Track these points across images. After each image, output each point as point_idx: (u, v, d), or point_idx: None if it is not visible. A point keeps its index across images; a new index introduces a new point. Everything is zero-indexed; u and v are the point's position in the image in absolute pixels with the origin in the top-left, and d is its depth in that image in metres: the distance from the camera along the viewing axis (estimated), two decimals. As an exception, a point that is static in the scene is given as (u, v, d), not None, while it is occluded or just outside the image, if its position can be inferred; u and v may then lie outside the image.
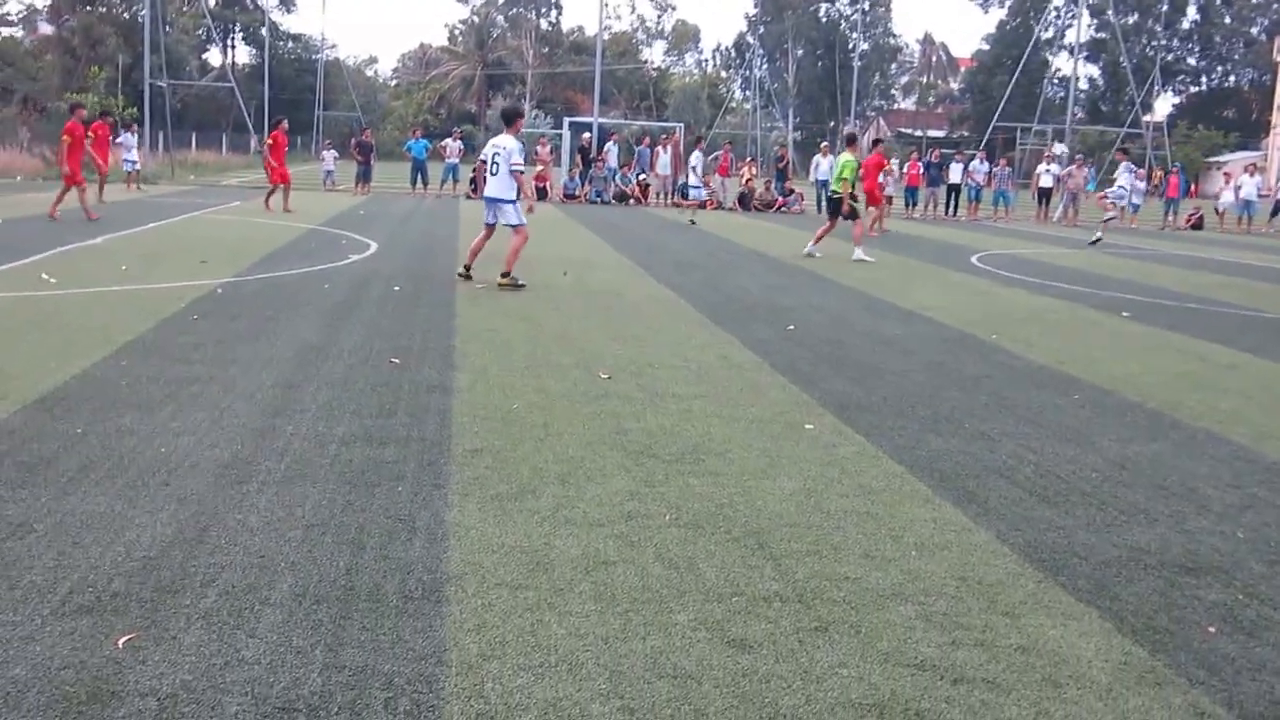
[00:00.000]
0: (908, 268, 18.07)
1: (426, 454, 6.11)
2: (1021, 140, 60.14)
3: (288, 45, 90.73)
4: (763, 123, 68.71)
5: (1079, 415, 7.82)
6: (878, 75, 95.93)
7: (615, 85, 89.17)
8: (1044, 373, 9.37)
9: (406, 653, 3.78)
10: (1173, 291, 16.55)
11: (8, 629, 3.81)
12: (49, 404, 6.77)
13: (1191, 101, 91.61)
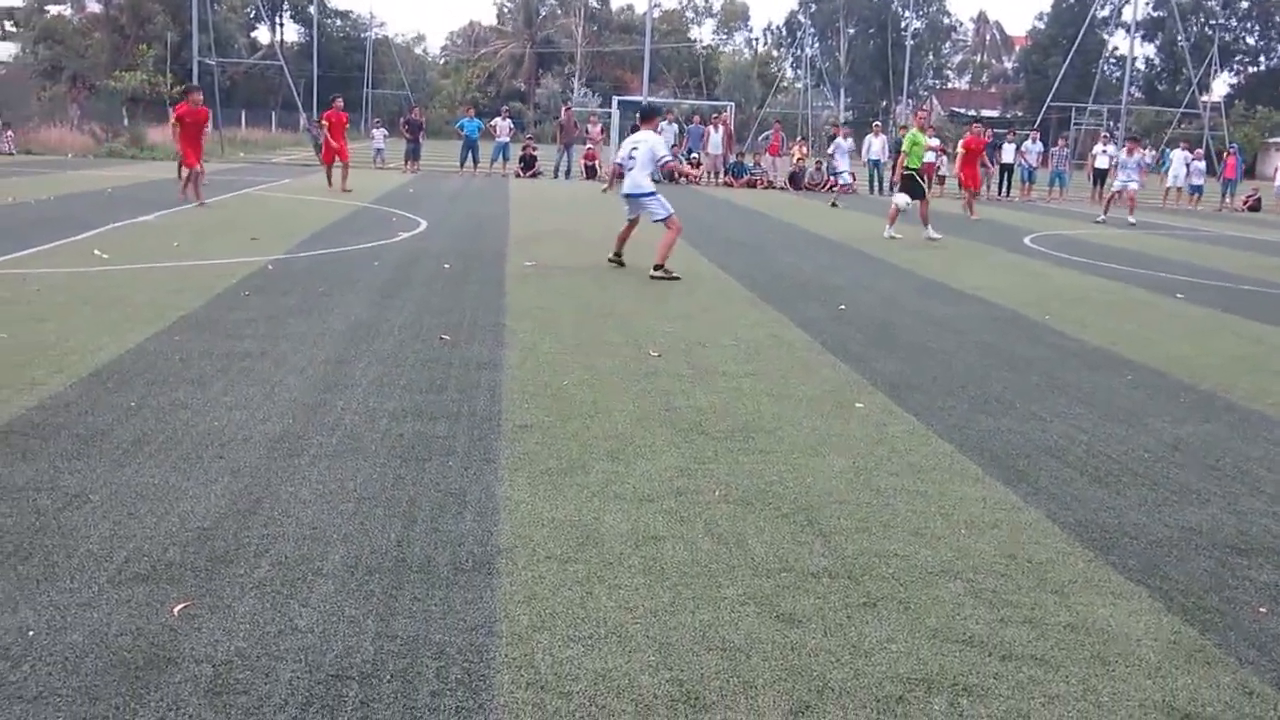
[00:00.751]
0: (960, 248, 17.91)
1: (477, 429, 6.15)
2: (1076, 120, 59.33)
3: (336, 23, 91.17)
4: (814, 102, 68.26)
5: (1131, 396, 7.73)
6: (931, 54, 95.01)
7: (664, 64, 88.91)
8: (1096, 354, 9.27)
9: (458, 623, 3.81)
10: (1228, 273, 16.30)
11: (66, 596, 3.88)
12: (104, 378, 6.87)
13: (1250, 81, 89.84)
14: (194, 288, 10.33)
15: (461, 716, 3.23)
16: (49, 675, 3.34)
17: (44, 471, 5.13)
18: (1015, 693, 3.54)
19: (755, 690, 3.47)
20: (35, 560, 4.16)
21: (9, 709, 3.15)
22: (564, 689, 3.41)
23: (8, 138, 36.06)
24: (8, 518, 4.55)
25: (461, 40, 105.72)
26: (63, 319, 8.62)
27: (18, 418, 5.92)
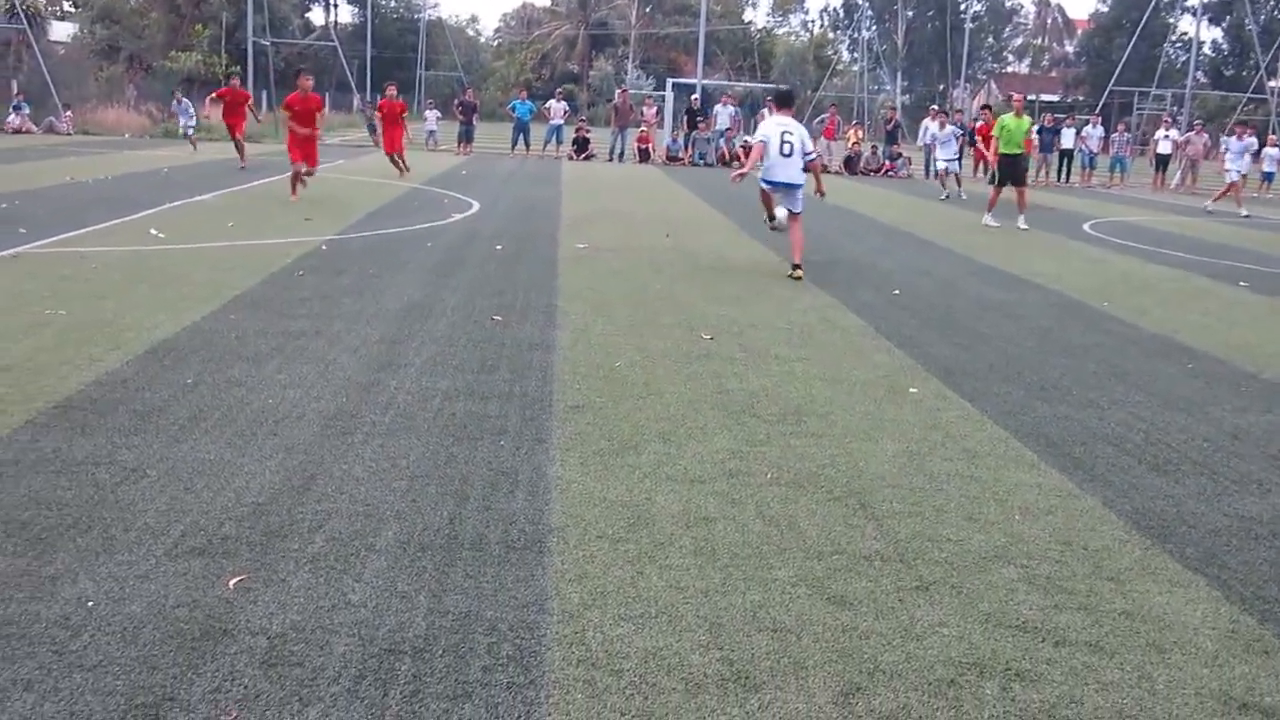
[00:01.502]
0: (1017, 234, 17.69)
1: (528, 409, 6.16)
2: (1139, 105, 58.34)
3: (390, 4, 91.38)
4: (870, 86, 67.68)
5: (1191, 384, 7.61)
6: (990, 37, 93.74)
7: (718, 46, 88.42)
8: (1156, 341, 9.13)
9: (509, 600, 3.83)
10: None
11: (124, 568, 3.94)
12: (160, 354, 6.96)
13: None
14: (249, 267, 10.44)
15: (513, 692, 3.25)
16: (108, 645, 3.40)
17: (102, 446, 5.20)
18: (1069, 679, 3.50)
19: (806, 671, 3.45)
20: (94, 533, 4.22)
21: (70, 677, 3.20)
22: (615, 666, 3.42)
23: (66, 118, 36.60)
24: (68, 491, 4.63)
25: (515, 22, 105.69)
26: (120, 297, 8.74)
27: (77, 393, 6.01)
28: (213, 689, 3.18)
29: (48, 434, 5.33)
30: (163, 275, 9.81)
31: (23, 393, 5.95)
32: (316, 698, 3.16)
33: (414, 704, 3.16)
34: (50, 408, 5.73)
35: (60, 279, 9.34)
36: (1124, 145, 36.42)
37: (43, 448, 5.14)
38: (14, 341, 7.07)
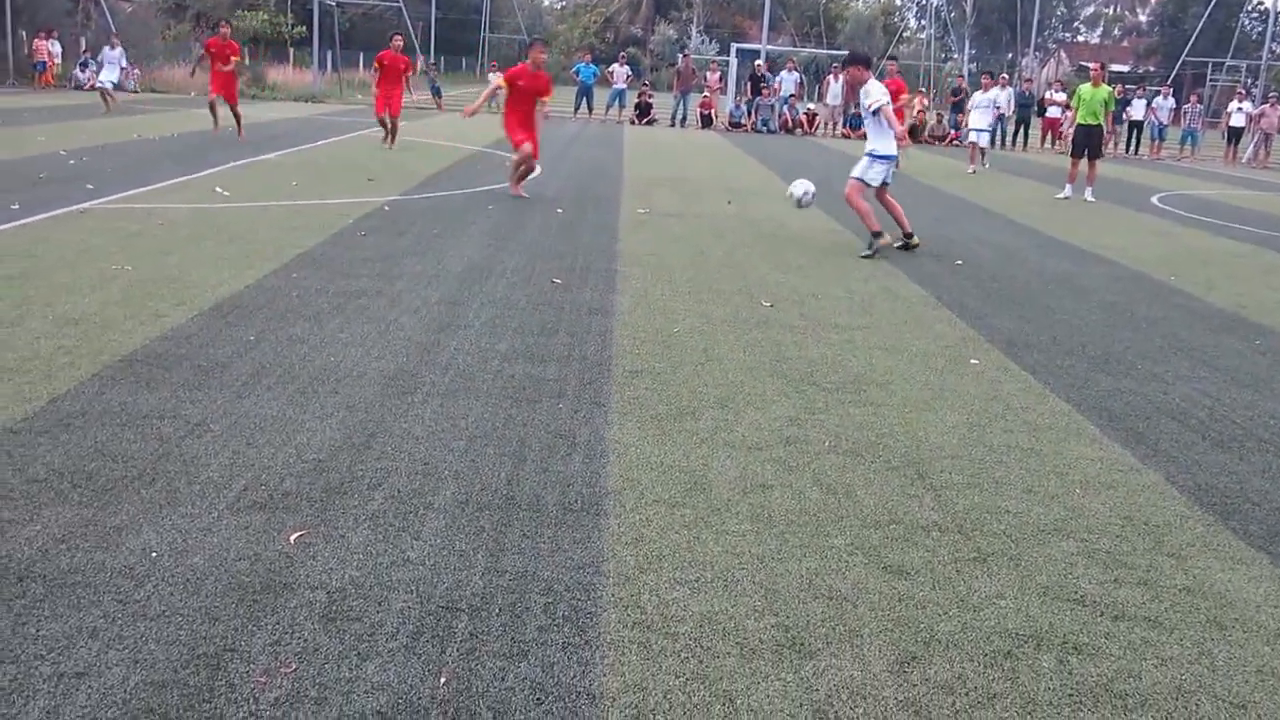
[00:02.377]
0: (1083, 206, 17.40)
1: (587, 373, 6.17)
2: (1212, 77, 57.02)
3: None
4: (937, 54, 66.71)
5: (1259, 361, 7.46)
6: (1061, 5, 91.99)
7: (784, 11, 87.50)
8: (1223, 316, 8.95)
9: (565, 561, 3.84)
10: (1371, 236, 15.57)
11: (187, 520, 4.00)
12: (224, 311, 7.05)
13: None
14: (311, 226, 10.52)
15: (568, 652, 3.26)
16: (171, 595, 3.46)
17: (167, 400, 5.28)
18: (1127, 653, 3.46)
19: (861, 639, 3.44)
20: (159, 485, 4.29)
21: (134, 626, 3.26)
22: (670, 630, 3.43)
23: (134, 75, 37.03)
24: (133, 444, 4.70)
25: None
26: (185, 253, 8.84)
27: (142, 348, 6.11)
28: (273, 641, 3.22)
29: (114, 387, 5.42)
30: (227, 233, 9.92)
31: (90, 346, 6.06)
32: (374, 652, 3.20)
33: (470, 661, 3.18)
34: (116, 361, 5.83)
35: (127, 235, 9.48)
36: (1195, 118, 35.64)
37: (109, 401, 5.22)
38: (82, 295, 7.19)
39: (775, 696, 3.11)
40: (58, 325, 6.45)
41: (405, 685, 3.04)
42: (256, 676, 3.04)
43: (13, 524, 3.87)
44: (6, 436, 4.69)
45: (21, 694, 2.89)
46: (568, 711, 2.97)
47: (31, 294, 7.15)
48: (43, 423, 4.88)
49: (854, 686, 3.18)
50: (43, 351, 5.92)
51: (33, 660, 3.05)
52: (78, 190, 12.00)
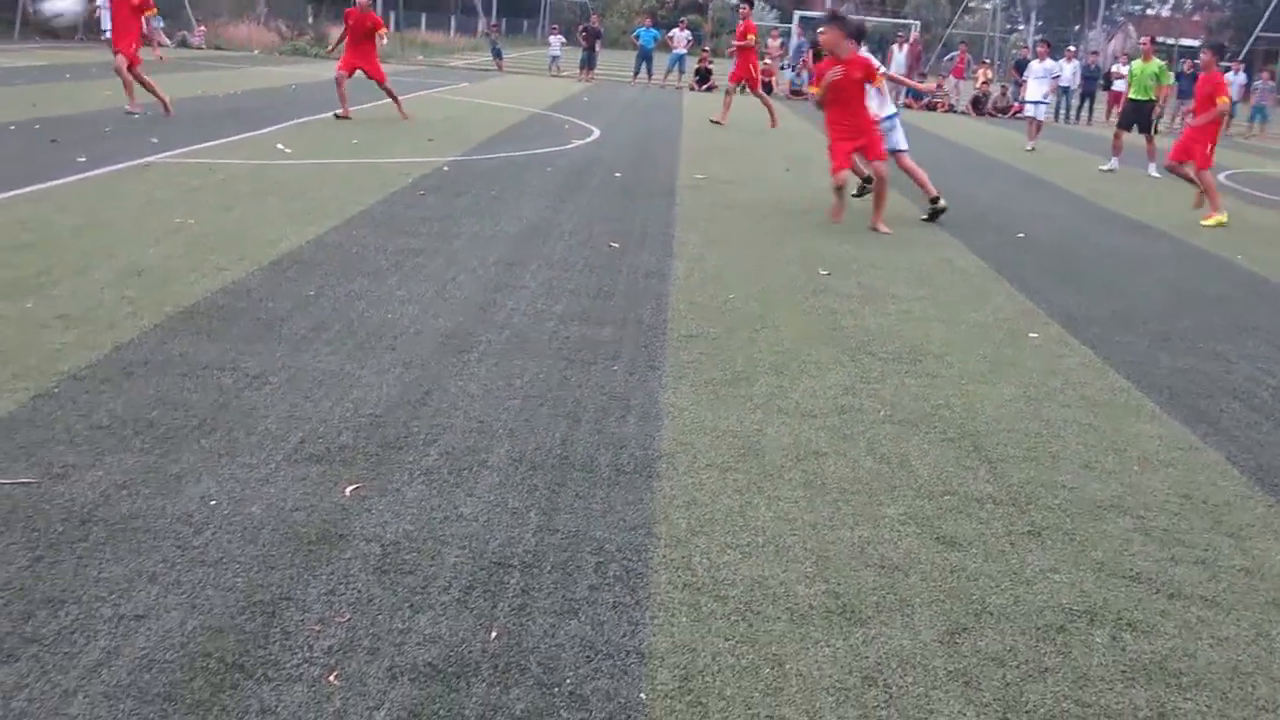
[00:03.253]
0: (1148, 181, 17.09)
1: (642, 336, 6.17)
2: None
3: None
4: (1003, 25, 65.61)
5: (1330, 342, 7.30)
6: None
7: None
8: (1293, 295, 8.77)
9: (618, 522, 3.86)
10: None
11: (245, 470, 4.05)
12: (284, 266, 7.11)
13: None
14: (371, 185, 10.58)
15: (619, 612, 3.28)
16: (229, 543, 3.51)
17: (227, 352, 5.35)
18: (1182, 632, 3.42)
19: (912, 609, 3.42)
20: (218, 435, 4.35)
21: (192, 571, 3.32)
22: (720, 593, 3.43)
23: (199, 32, 37.33)
24: (193, 394, 4.77)
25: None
26: (246, 208, 8.93)
27: (203, 300, 6.18)
28: (327, 591, 3.27)
29: (175, 338, 5.49)
30: (288, 189, 10.00)
31: (153, 297, 6.14)
32: (427, 605, 3.23)
33: (521, 617, 3.21)
34: (178, 313, 5.90)
35: (190, 189, 9.58)
36: (1266, 94, 34.80)
37: (170, 351, 5.30)
38: (146, 247, 7.28)
39: (824, 662, 3.10)
40: (122, 276, 6.54)
41: (456, 638, 3.07)
42: (311, 624, 3.08)
43: (76, 468, 3.95)
44: (71, 383, 4.77)
45: (83, 634, 2.95)
46: (617, 669, 2.99)
47: (97, 245, 7.26)
48: (106, 370, 4.96)
49: (904, 655, 3.17)
50: (107, 301, 6.01)
51: (94, 601, 3.11)
52: (142, 144, 12.14)
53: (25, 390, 4.64)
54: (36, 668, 2.79)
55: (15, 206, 8.31)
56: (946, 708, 2.94)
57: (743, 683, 2.97)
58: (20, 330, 5.41)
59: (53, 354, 5.11)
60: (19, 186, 9.10)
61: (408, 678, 2.87)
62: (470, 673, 2.92)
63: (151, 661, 2.85)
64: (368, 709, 2.73)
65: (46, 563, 3.30)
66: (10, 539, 3.42)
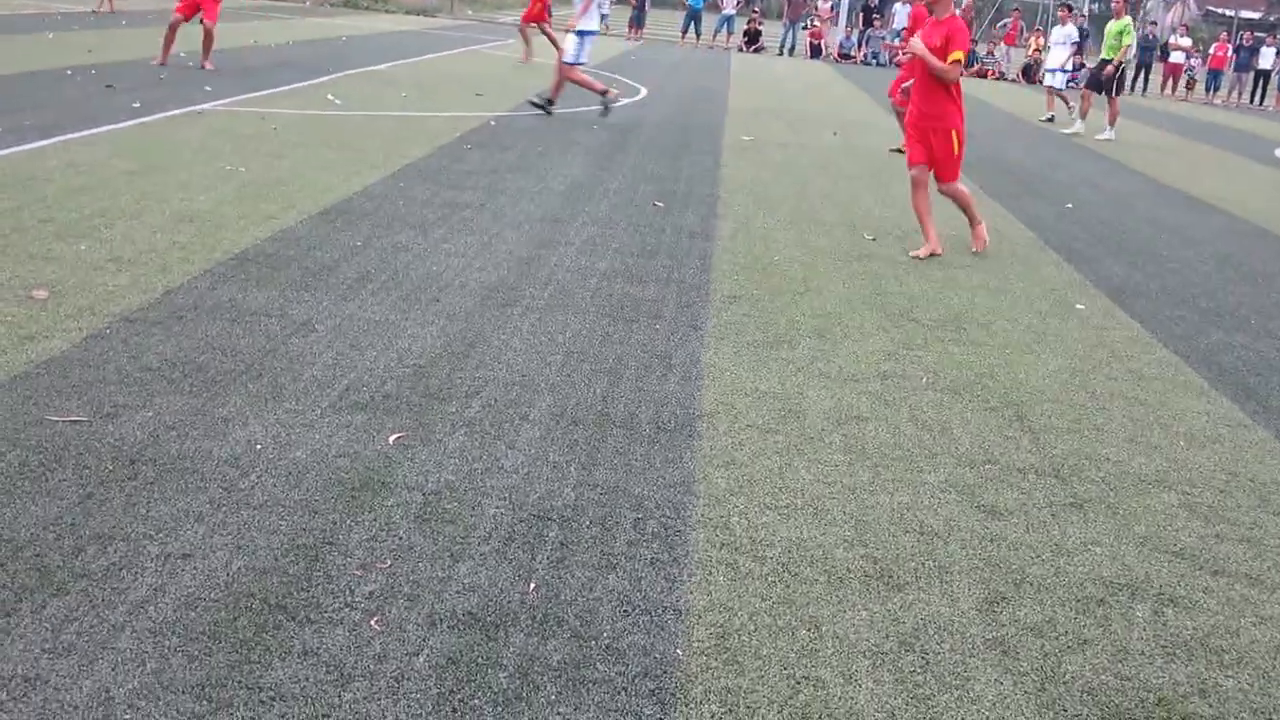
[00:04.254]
0: (1202, 155, 16.83)
1: (685, 296, 6.16)
2: (1349, 25, 54.26)
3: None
4: (1057, -10, 64.38)
5: (1385, 323, 7.18)
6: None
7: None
8: (1349, 275, 8.62)
9: (657, 479, 3.87)
10: None
11: (291, 416, 4.09)
12: (332, 216, 7.14)
13: None
14: (419, 138, 10.59)
15: (656, 568, 3.29)
16: (274, 486, 3.55)
17: (275, 299, 5.39)
18: (1225, 609, 3.39)
19: (950, 575, 3.42)
20: (265, 380, 4.39)
21: (238, 513, 3.36)
22: (758, 553, 3.43)
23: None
24: (241, 339, 4.81)
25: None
26: (296, 158, 8.96)
27: (253, 247, 6.22)
28: (369, 538, 3.30)
29: (225, 284, 5.54)
30: (337, 140, 10.03)
31: (203, 243, 6.19)
32: (467, 555, 3.26)
33: (559, 570, 3.23)
34: (228, 259, 5.95)
35: (241, 137, 9.63)
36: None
37: (220, 296, 5.34)
38: (198, 193, 7.34)
39: (861, 626, 3.11)
40: (174, 221, 6.59)
41: (495, 588, 3.10)
42: (353, 569, 3.11)
43: (127, 409, 4.00)
44: (123, 325, 4.83)
45: (131, 570, 3.00)
46: (653, 625, 3.00)
47: (150, 190, 7.32)
48: (157, 314, 5.02)
49: (941, 621, 3.17)
50: (159, 245, 6.07)
51: (141, 539, 3.16)
52: (196, 92, 12.19)
53: (79, 330, 4.71)
54: (85, 602, 2.84)
55: (71, 150, 8.39)
56: (983, 675, 2.94)
57: (779, 643, 2.98)
58: (74, 271, 5.48)
59: (106, 295, 5.17)
60: (75, 130, 9.18)
61: (447, 625, 2.90)
62: (509, 622, 2.94)
63: (197, 600, 2.90)
64: (407, 654, 2.77)
65: (96, 500, 3.35)
66: (62, 475, 3.48)
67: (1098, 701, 2.88)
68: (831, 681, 2.84)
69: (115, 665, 2.62)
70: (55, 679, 2.56)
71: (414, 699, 2.61)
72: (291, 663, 2.69)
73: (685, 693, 2.74)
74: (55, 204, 6.70)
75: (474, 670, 2.73)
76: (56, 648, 2.66)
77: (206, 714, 2.49)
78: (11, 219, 6.29)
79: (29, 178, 7.32)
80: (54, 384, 4.15)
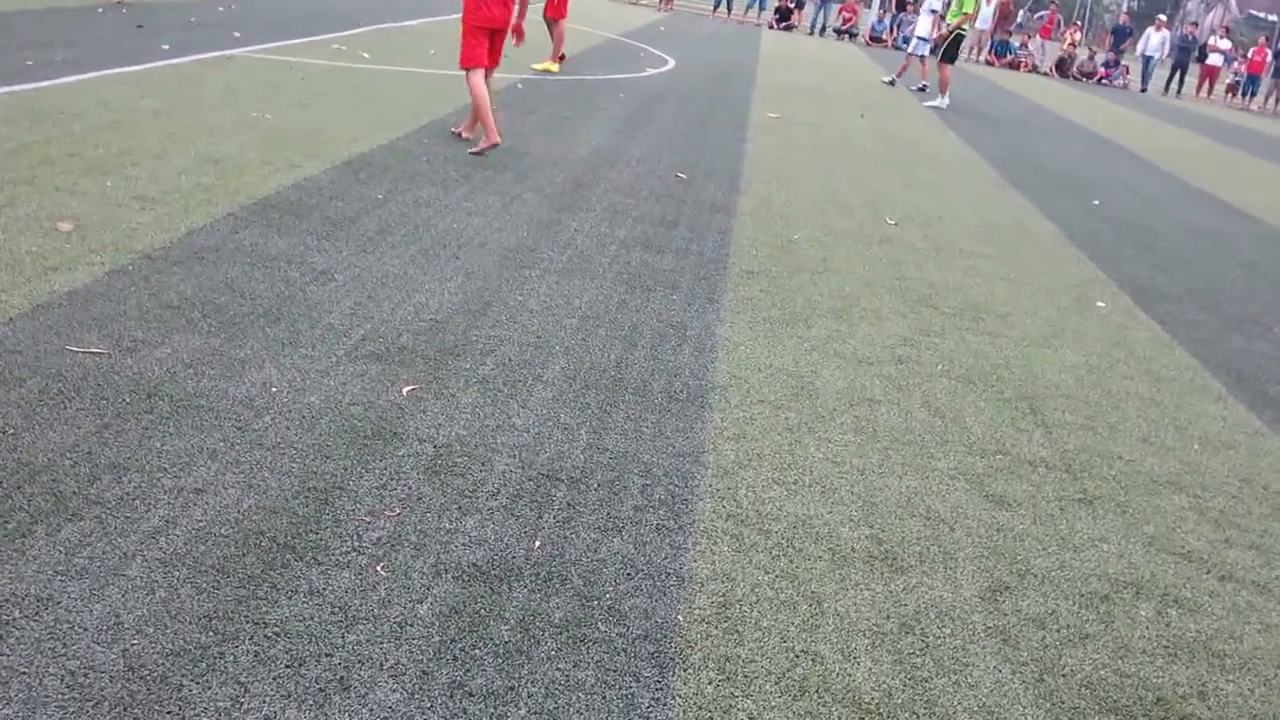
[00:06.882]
0: (1235, 160, 16.71)
1: (703, 269, 6.15)
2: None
3: None
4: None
5: (1405, 340, 7.14)
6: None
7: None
8: (1371, 290, 8.57)
9: (666, 448, 3.87)
10: None
11: (307, 361, 4.10)
12: (355, 168, 7.14)
13: None
14: (445, 95, 10.55)
15: (661, 534, 3.30)
16: (287, 429, 3.56)
17: (295, 246, 5.39)
18: (1230, 614, 3.39)
19: (955, 562, 3.42)
20: (282, 325, 4.40)
21: (251, 454, 3.37)
22: (764, 527, 3.44)
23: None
24: (261, 283, 4.82)
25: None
26: (322, 109, 8.95)
27: (275, 194, 6.22)
28: (379, 485, 3.31)
29: (247, 228, 5.54)
30: (364, 93, 10.00)
31: (227, 187, 6.19)
32: (475, 509, 3.27)
33: (566, 529, 3.24)
34: (251, 204, 5.95)
35: (268, 85, 9.61)
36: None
37: (241, 240, 5.35)
38: (224, 137, 7.33)
39: (863, 605, 3.12)
40: (198, 163, 6.59)
41: (501, 544, 3.11)
42: (362, 515, 3.13)
43: (145, 344, 4.01)
44: (145, 262, 4.84)
45: (144, 502, 3.02)
46: (656, 589, 3.02)
47: (176, 131, 7.32)
48: (179, 253, 5.03)
49: (943, 607, 3.17)
50: (183, 186, 6.07)
51: (155, 472, 3.18)
52: (225, 37, 12.17)
53: (101, 265, 4.72)
54: (99, 529, 2.86)
55: (100, 88, 8.38)
56: (982, 663, 2.94)
57: (780, 615, 2.99)
58: (99, 207, 5.49)
59: (129, 232, 5.18)
60: (104, 68, 9.17)
61: (451, 575, 2.92)
62: (513, 577, 2.96)
63: (207, 534, 2.92)
64: (411, 601, 2.78)
65: (113, 430, 3.37)
66: (80, 405, 3.50)
67: (1096, 696, 2.89)
68: (830, 657, 2.85)
69: (125, 591, 2.64)
70: (67, 600, 2.58)
71: (416, 645, 2.63)
72: (298, 601, 2.71)
73: (684, 658, 2.75)
74: (83, 140, 6.71)
75: (476, 621, 2.75)
76: (69, 570, 2.68)
77: (213, 645, 2.52)
78: (40, 152, 6.30)
79: (59, 113, 7.32)
80: (75, 315, 4.17)
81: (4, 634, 2.46)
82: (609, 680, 2.63)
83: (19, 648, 2.43)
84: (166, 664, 2.44)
